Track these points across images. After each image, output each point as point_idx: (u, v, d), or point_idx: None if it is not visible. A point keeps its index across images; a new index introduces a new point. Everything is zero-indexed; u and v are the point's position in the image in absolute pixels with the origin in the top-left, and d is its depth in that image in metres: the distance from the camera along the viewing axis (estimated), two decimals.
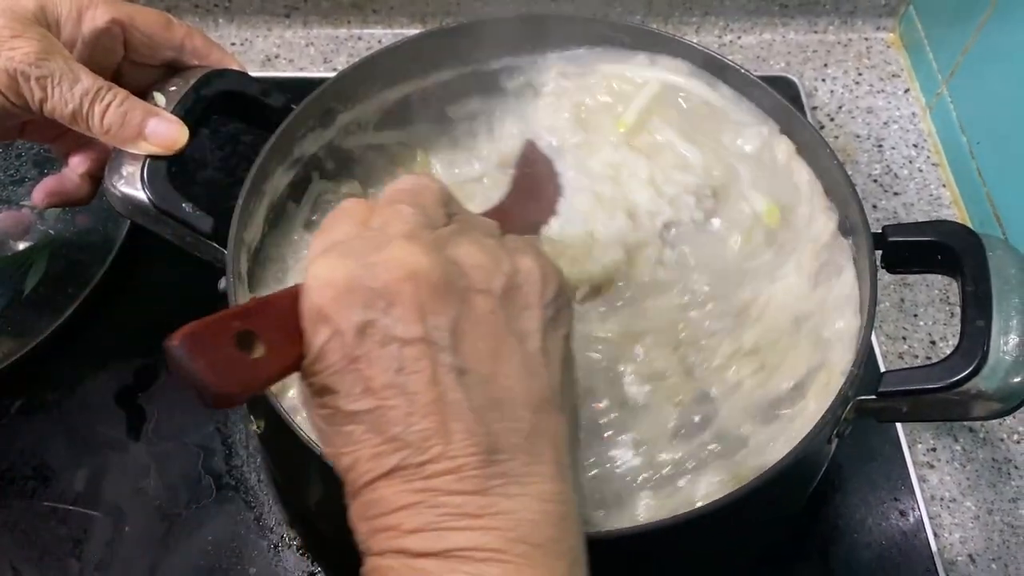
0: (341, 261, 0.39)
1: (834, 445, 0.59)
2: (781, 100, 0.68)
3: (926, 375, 0.52)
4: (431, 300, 0.38)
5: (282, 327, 0.39)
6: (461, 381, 0.38)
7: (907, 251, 0.58)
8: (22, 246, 0.76)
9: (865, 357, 0.54)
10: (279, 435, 0.55)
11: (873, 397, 0.53)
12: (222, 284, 0.58)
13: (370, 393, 0.38)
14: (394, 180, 0.46)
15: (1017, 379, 0.50)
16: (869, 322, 0.54)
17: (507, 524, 0.37)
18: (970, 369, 0.50)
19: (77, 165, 0.65)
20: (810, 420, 0.53)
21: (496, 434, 0.38)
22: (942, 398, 0.51)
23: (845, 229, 0.63)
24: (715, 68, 0.70)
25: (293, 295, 0.40)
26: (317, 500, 0.60)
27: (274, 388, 0.54)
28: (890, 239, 0.58)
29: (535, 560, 0.37)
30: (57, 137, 0.65)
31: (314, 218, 0.68)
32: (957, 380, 0.51)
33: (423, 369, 0.38)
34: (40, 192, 0.65)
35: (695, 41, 0.71)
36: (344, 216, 0.43)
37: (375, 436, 0.38)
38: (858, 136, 0.94)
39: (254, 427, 0.62)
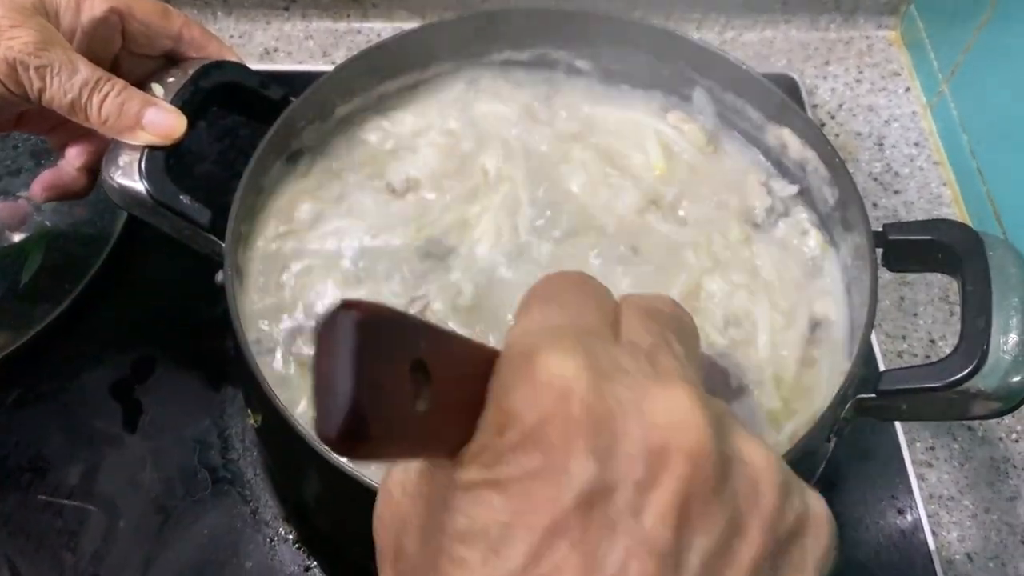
0: (598, 374, 0.26)
1: (832, 444, 0.58)
2: (782, 96, 0.68)
3: (926, 374, 0.52)
4: (700, 502, 0.26)
5: (457, 389, 0.26)
6: None
7: (907, 250, 0.58)
8: (18, 237, 0.76)
9: (865, 355, 0.54)
10: (277, 429, 0.55)
11: (873, 396, 0.53)
12: (219, 277, 0.58)
13: (536, 562, 0.24)
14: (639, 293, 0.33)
15: (1017, 378, 0.50)
16: (869, 320, 0.54)
17: None
18: (970, 368, 0.50)
19: (74, 157, 0.65)
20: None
21: None
22: (942, 397, 0.51)
23: (845, 226, 0.63)
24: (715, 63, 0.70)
25: (489, 360, 0.27)
26: (314, 494, 0.60)
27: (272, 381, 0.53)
28: (890, 238, 0.58)
29: None
30: (54, 128, 0.65)
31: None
32: (957, 379, 0.50)
33: None
34: (38, 186, 0.65)
35: (696, 38, 0.71)
36: (586, 290, 0.31)
37: None
38: (859, 134, 0.94)
39: (251, 421, 0.62)
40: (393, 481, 0.28)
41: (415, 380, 0.24)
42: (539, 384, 0.25)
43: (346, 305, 0.23)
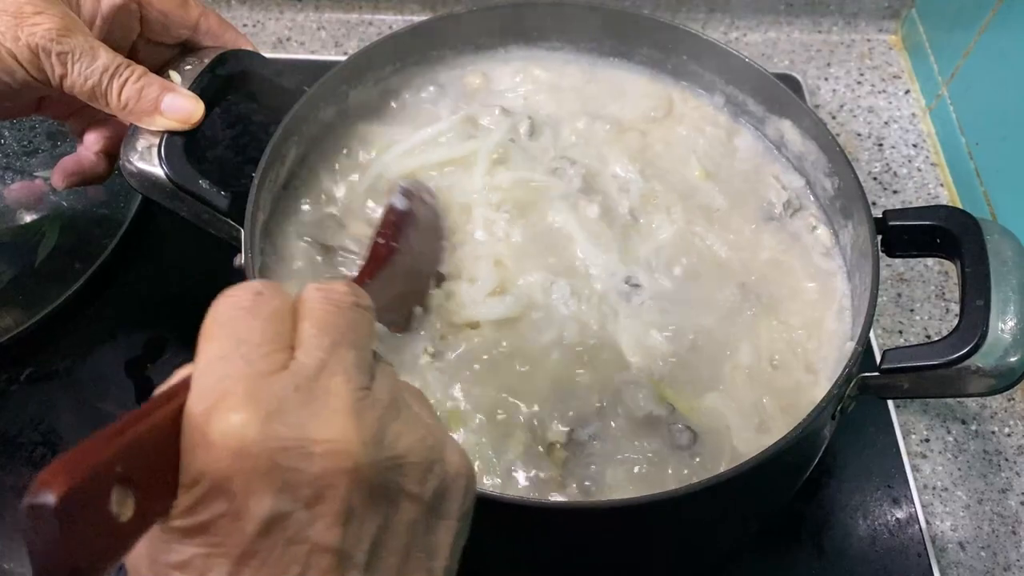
0: (263, 422, 0.31)
1: (835, 423, 0.60)
2: (788, 92, 0.69)
3: (927, 352, 0.54)
4: (362, 504, 0.32)
5: (158, 467, 0.30)
6: None
7: (907, 235, 0.60)
8: (34, 217, 0.77)
9: (867, 336, 0.55)
10: None
11: (876, 374, 0.55)
12: (238, 261, 0.59)
13: None
14: (321, 280, 0.38)
15: (1014, 357, 0.52)
16: (871, 304, 0.56)
17: None
18: (970, 347, 0.52)
19: (92, 143, 0.66)
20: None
21: None
22: (941, 374, 0.53)
23: (845, 214, 0.65)
24: (721, 60, 0.71)
25: (176, 417, 0.31)
26: None
27: None
28: (891, 223, 0.60)
29: None
30: (73, 114, 0.66)
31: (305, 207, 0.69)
32: (957, 357, 0.52)
33: None
34: (59, 174, 0.65)
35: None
36: (257, 313, 0.34)
37: None
38: (859, 135, 0.95)
39: None
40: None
41: (119, 496, 0.28)
42: (214, 446, 0.30)
43: (38, 493, 0.26)
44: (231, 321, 0.34)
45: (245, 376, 0.32)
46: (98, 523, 0.28)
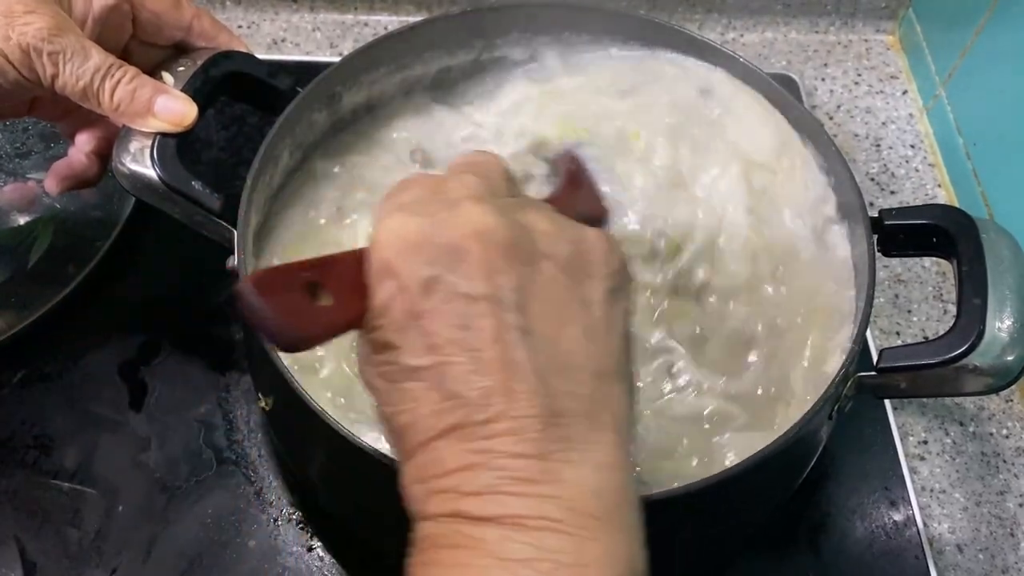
0: (410, 218, 0.40)
1: (832, 423, 0.60)
2: (783, 92, 0.69)
3: (924, 351, 0.53)
4: (498, 259, 0.38)
5: (348, 282, 0.39)
6: (525, 341, 0.38)
7: (903, 234, 0.60)
8: (27, 219, 0.76)
9: (864, 335, 0.55)
10: (290, 411, 0.56)
11: (873, 373, 0.55)
12: (231, 262, 0.59)
13: (432, 349, 0.38)
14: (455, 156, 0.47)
15: (1011, 356, 0.52)
16: (868, 303, 0.56)
17: (566, 492, 0.36)
18: (967, 345, 0.52)
19: (84, 144, 0.65)
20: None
21: (558, 397, 0.37)
22: (938, 373, 0.53)
23: (842, 213, 0.65)
24: (718, 60, 0.71)
25: (360, 255, 0.40)
26: (322, 474, 0.61)
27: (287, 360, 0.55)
28: (886, 223, 0.60)
29: (595, 532, 0.36)
30: (64, 115, 0.66)
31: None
32: (954, 356, 0.52)
33: (487, 327, 0.37)
34: (52, 178, 0.65)
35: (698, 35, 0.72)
36: (412, 183, 0.43)
37: (435, 393, 0.37)
38: (856, 135, 0.95)
39: (261, 404, 0.62)
40: (359, 350, 0.42)
41: (312, 292, 0.38)
42: (379, 243, 0.40)
43: (240, 283, 0.37)
44: (400, 186, 0.43)
45: (403, 203, 0.41)
46: (298, 304, 0.37)
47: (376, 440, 0.54)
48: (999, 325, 0.51)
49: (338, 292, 0.39)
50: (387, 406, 0.40)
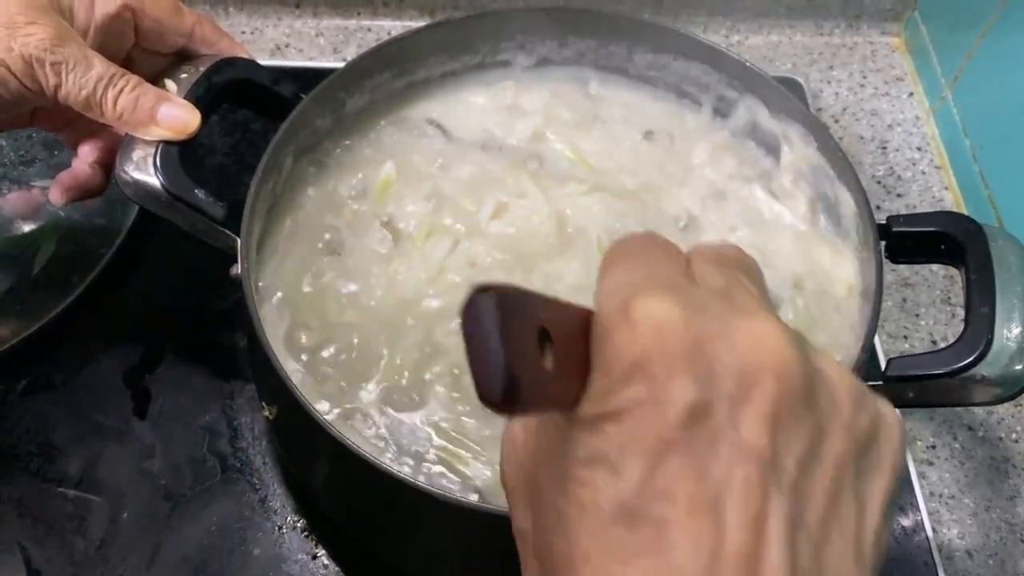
0: (685, 308, 0.29)
1: None
2: (787, 94, 0.68)
3: (932, 361, 0.53)
4: (789, 412, 0.28)
5: (572, 346, 0.30)
6: (791, 538, 0.28)
7: (911, 241, 0.59)
8: (31, 227, 0.76)
9: (871, 343, 0.55)
10: (293, 421, 0.56)
11: (880, 383, 0.54)
12: (234, 271, 0.58)
13: (670, 499, 0.27)
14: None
15: (1019, 366, 0.51)
16: (875, 310, 0.55)
17: None
18: (975, 355, 0.51)
19: (87, 154, 0.65)
20: None
21: None
22: (946, 383, 0.52)
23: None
24: (723, 63, 0.71)
25: (585, 316, 0.31)
26: (326, 483, 0.61)
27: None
28: (894, 230, 0.59)
29: None
30: (67, 125, 0.66)
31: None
32: (963, 366, 0.51)
33: (752, 497, 0.27)
34: (56, 190, 0.65)
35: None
36: (659, 247, 0.33)
37: (653, 558, 0.27)
38: (862, 138, 0.95)
39: (265, 413, 0.62)
40: (516, 429, 0.32)
41: (541, 344, 0.28)
42: (636, 325, 0.28)
43: (482, 289, 0.27)
44: (635, 250, 0.33)
45: (660, 277, 0.31)
46: (528, 344, 0.27)
47: (380, 453, 0.54)
48: (1007, 334, 0.51)
49: (562, 355, 0.29)
50: (560, 539, 0.29)
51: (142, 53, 0.64)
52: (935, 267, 0.84)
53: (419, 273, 0.64)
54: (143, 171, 0.60)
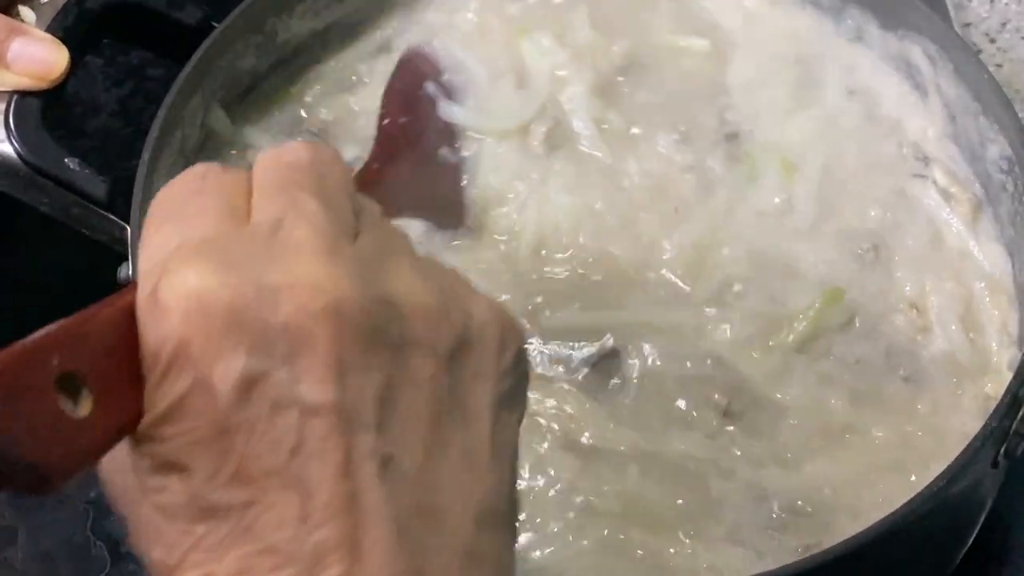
0: (218, 272, 0.35)
1: (1000, 473, 0.59)
2: (919, 5, 0.69)
3: None
4: (355, 352, 0.35)
5: (113, 363, 0.35)
6: (385, 474, 0.35)
7: None
8: None
9: None
10: None
11: None
12: (124, 272, 0.59)
13: (244, 481, 0.34)
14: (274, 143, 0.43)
15: None
16: None
17: None
18: None
19: None
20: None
21: (425, 553, 0.36)
22: None
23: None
24: None
25: (128, 309, 0.35)
26: None
27: None
28: None
29: None
30: None
31: None
32: None
33: (331, 452, 0.34)
34: None
35: None
36: (205, 191, 0.39)
37: (243, 544, 0.34)
38: None
39: None
40: (104, 470, 0.38)
41: (67, 388, 0.32)
42: (166, 310, 0.34)
43: None
44: (176, 205, 0.38)
45: (195, 241, 0.36)
46: (45, 413, 0.32)
47: None
48: None
49: (100, 384, 0.34)
50: (158, 552, 0.35)
51: None
52: None
53: None
54: None
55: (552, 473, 0.60)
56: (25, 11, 0.63)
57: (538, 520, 0.58)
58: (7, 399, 0.31)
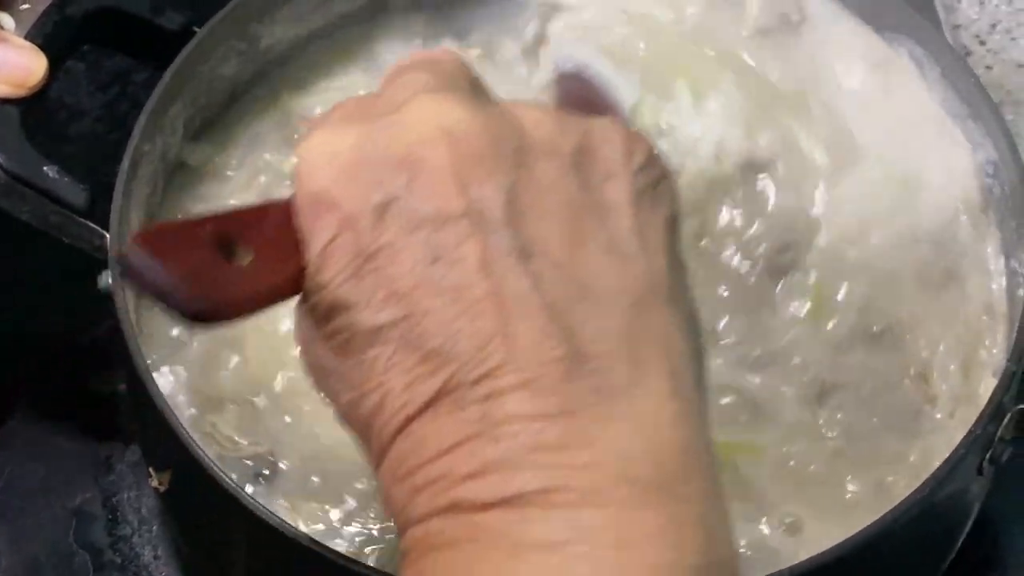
0: (342, 129, 0.41)
1: (986, 480, 0.59)
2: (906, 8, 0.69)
3: None
4: (472, 164, 0.39)
5: (275, 236, 0.41)
6: (526, 267, 0.38)
7: None
8: None
9: None
10: (192, 490, 0.57)
11: None
12: (104, 280, 0.59)
13: (397, 298, 0.38)
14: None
15: None
16: None
17: (606, 457, 0.36)
18: None
19: None
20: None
21: (581, 335, 0.38)
22: None
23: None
24: None
25: (286, 204, 0.42)
26: (239, 572, 0.61)
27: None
28: None
29: (648, 501, 0.36)
30: None
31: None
32: None
33: (469, 254, 0.38)
34: None
35: None
36: (343, 102, 0.45)
37: (407, 356, 0.38)
38: (1021, 66, 0.94)
39: (154, 483, 0.63)
40: (296, 339, 0.44)
41: (226, 250, 0.40)
42: (305, 169, 0.41)
43: (126, 242, 0.36)
44: (322, 118, 0.46)
45: (331, 119, 0.44)
46: (207, 263, 0.39)
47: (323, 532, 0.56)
48: None
49: (262, 248, 0.40)
50: (346, 394, 0.40)
51: None
52: None
53: None
54: None
55: None
56: (4, 17, 0.63)
57: None
58: (160, 250, 0.38)
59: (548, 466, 0.36)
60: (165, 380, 0.62)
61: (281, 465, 0.61)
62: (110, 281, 0.58)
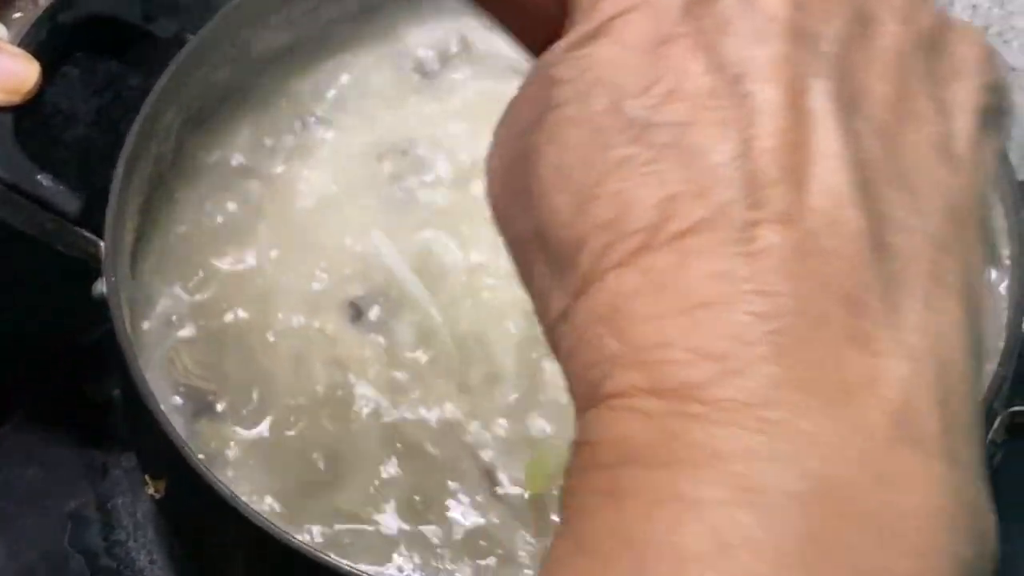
0: None
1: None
2: None
3: None
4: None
5: None
6: (844, 119, 0.31)
7: None
8: None
9: (1015, 353, 0.56)
10: (188, 497, 0.57)
11: None
12: (99, 288, 0.59)
13: (681, 99, 0.31)
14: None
15: None
16: (1019, 303, 0.57)
17: (922, 344, 0.30)
18: None
19: None
20: None
21: (887, 220, 0.31)
22: None
23: None
24: None
25: None
26: None
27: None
28: None
29: (929, 454, 0.29)
30: None
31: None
32: None
33: (780, 75, 0.31)
34: None
35: None
36: None
37: (673, 168, 0.30)
38: (1014, 69, 0.94)
39: (149, 489, 0.63)
40: (491, 152, 0.36)
41: None
42: None
43: None
44: None
45: None
46: None
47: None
48: None
49: None
50: (558, 195, 0.32)
51: None
52: None
53: None
54: None
55: None
56: None
57: None
58: None
59: (866, 348, 0.29)
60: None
61: None
62: (103, 289, 0.59)
